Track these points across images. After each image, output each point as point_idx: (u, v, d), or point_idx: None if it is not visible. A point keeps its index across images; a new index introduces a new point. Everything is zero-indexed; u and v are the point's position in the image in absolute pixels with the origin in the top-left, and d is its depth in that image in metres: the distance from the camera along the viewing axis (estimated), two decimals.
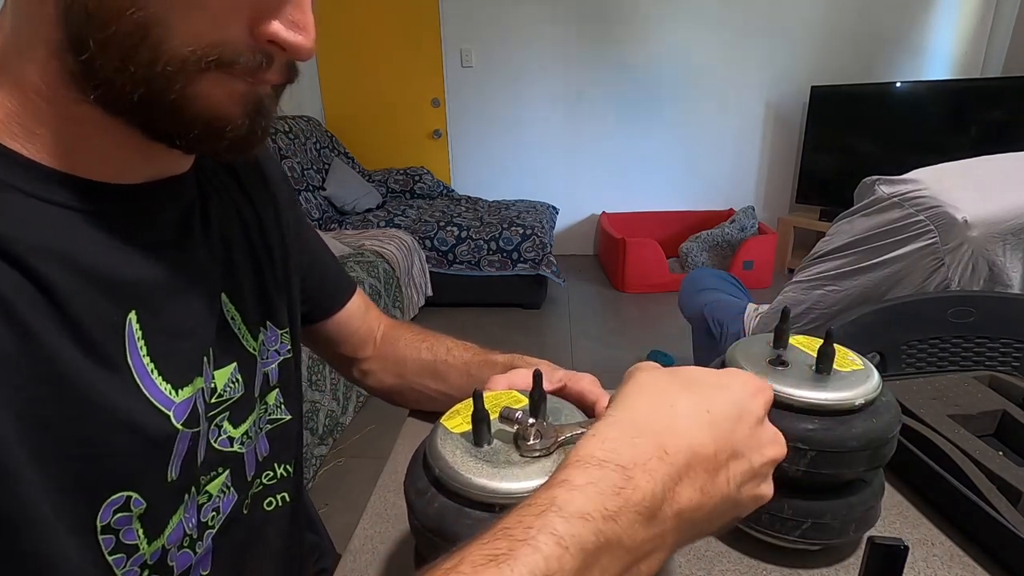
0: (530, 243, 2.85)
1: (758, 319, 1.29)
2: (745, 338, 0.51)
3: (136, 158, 0.36)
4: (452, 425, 0.36)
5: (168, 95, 0.31)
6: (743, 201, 3.71)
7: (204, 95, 0.32)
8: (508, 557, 0.22)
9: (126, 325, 0.35)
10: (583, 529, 0.24)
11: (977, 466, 0.50)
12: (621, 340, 2.62)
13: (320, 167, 3.22)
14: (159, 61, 0.29)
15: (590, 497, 0.25)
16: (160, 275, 0.37)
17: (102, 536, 0.34)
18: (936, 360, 0.77)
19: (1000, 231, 0.86)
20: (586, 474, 0.26)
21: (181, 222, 0.41)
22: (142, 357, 0.35)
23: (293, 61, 0.35)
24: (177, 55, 0.30)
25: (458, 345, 0.63)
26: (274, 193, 0.53)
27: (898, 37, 3.40)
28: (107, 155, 0.35)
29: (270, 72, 0.33)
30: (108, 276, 0.34)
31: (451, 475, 0.32)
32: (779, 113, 3.61)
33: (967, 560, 0.46)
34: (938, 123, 3.05)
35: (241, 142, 0.35)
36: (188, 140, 0.33)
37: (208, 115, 0.32)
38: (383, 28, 3.60)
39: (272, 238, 0.51)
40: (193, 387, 0.39)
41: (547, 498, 0.25)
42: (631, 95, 3.64)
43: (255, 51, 0.32)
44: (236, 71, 0.32)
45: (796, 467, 0.42)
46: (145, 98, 0.31)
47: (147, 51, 0.29)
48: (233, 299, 0.45)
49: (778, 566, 0.46)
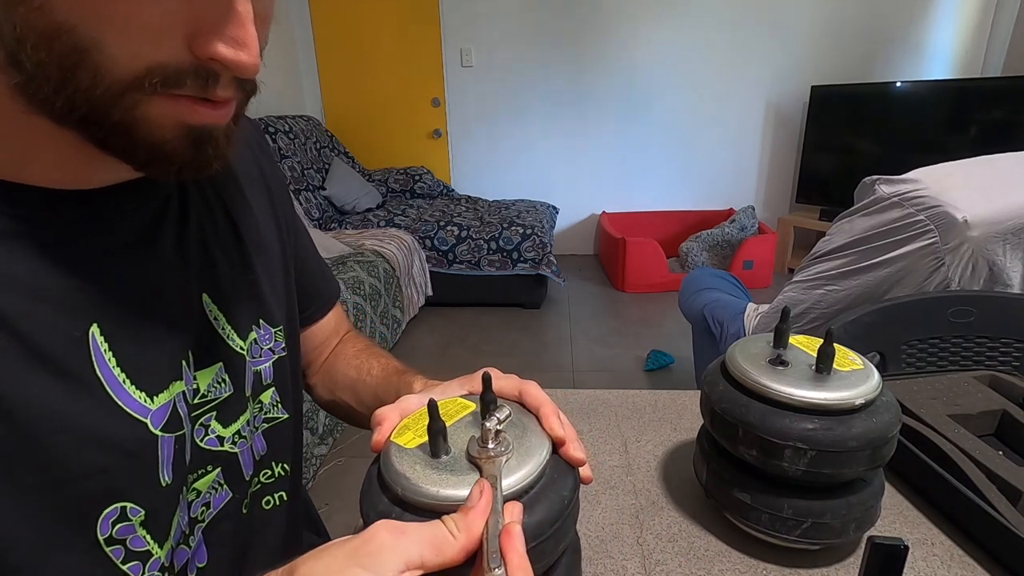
0: (530, 243, 2.85)
1: (758, 319, 1.29)
2: (745, 338, 0.51)
3: (95, 163, 0.35)
4: (404, 441, 0.35)
5: (112, 116, 0.30)
6: (743, 201, 3.71)
7: (150, 121, 0.31)
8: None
9: (89, 339, 0.34)
10: None
11: (977, 466, 0.50)
12: (621, 340, 2.62)
13: (320, 167, 3.22)
14: (100, 84, 0.28)
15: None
16: (122, 281, 0.36)
17: (109, 548, 0.34)
18: (936, 360, 0.77)
19: (1000, 231, 0.86)
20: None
21: (149, 223, 0.40)
22: (112, 368, 0.35)
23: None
24: (118, 78, 0.29)
25: (380, 364, 0.60)
26: (269, 187, 0.53)
27: (898, 37, 3.40)
28: (63, 162, 0.33)
29: (220, 89, 0.32)
30: (60, 292, 0.33)
31: (416, 491, 0.31)
32: (779, 113, 3.61)
33: (967, 560, 0.46)
34: (938, 123, 3.05)
35: (190, 167, 0.34)
36: (137, 161, 0.33)
37: (152, 141, 0.31)
38: (383, 28, 3.60)
39: (266, 234, 0.50)
40: (170, 392, 0.39)
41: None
42: (631, 94, 3.64)
43: (199, 70, 0.30)
44: (185, 91, 0.31)
45: (796, 467, 0.42)
46: (88, 117, 0.30)
47: (86, 74, 0.28)
48: (216, 299, 0.44)
49: (778, 566, 0.46)
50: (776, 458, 0.42)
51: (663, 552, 0.48)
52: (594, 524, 0.51)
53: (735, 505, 0.46)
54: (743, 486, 0.46)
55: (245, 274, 0.48)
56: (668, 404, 0.71)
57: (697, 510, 0.53)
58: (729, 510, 0.48)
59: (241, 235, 0.48)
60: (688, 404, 0.71)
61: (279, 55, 3.37)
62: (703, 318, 1.50)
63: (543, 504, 0.32)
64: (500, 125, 3.77)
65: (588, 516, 0.52)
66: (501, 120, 3.76)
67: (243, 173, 0.50)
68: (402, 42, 3.62)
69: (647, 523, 0.51)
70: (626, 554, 0.48)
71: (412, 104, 3.76)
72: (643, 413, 0.69)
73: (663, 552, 0.48)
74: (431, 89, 3.72)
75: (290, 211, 0.57)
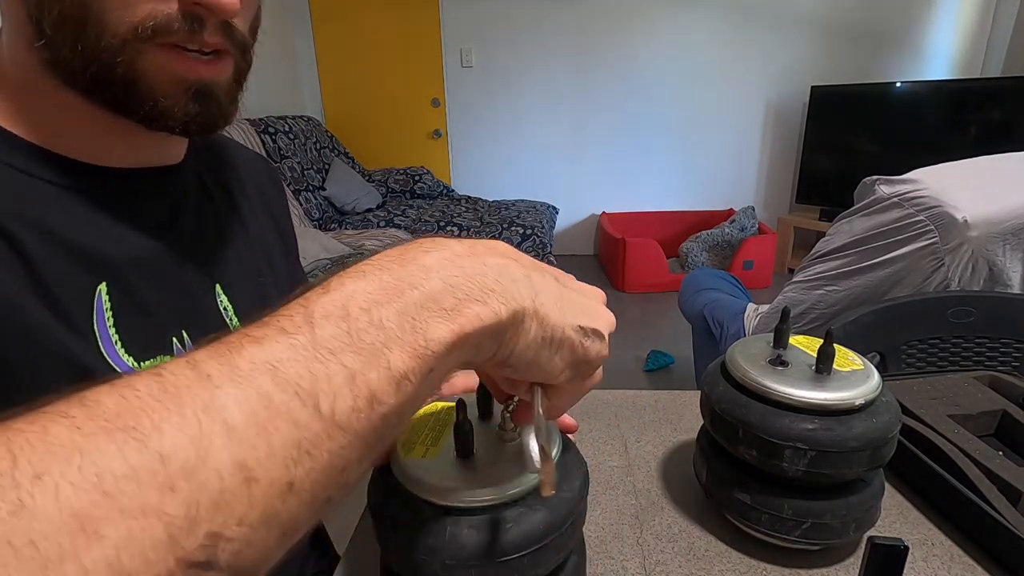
0: (530, 243, 2.85)
1: (758, 319, 1.29)
2: (745, 338, 0.51)
3: (120, 144, 0.40)
4: (419, 454, 0.33)
5: (116, 69, 0.34)
6: (743, 201, 3.71)
7: (150, 75, 0.35)
8: (263, 333, 0.21)
9: (95, 294, 0.37)
10: (364, 268, 0.23)
11: (977, 466, 0.50)
12: (621, 340, 2.62)
13: (320, 167, 3.22)
14: (103, 35, 0.33)
15: (370, 260, 0.24)
16: (135, 254, 0.40)
17: None
18: (936, 360, 0.77)
19: (1000, 231, 0.86)
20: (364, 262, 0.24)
21: (169, 211, 0.44)
22: (108, 327, 0.37)
23: (230, 24, 0.37)
24: (117, 29, 0.33)
25: None
26: (277, 222, 0.58)
27: (898, 37, 3.40)
28: (92, 139, 0.39)
29: (207, 35, 0.35)
30: (81, 247, 0.36)
31: (471, 503, 0.30)
32: (779, 113, 3.61)
33: (967, 560, 0.46)
34: (938, 123, 3.05)
35: (194, 124, 0.37)
36: (146, 115, 0.36)
37: (154, 94, 0.35)
38: (383, 28, 3.60)
39: (274, 252, 0.55)
40: (155, 363, 0.39)
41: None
42: (631, 95, 3.64)
43: (185, 15, 0.34)
44: (175, 38, 0.34)
45: (796, 467, 0.42)
46: (97, 75, 0.34)
47: (92, 27, 0.33)
48: (227, 291, 0.47)
49: (778, 566, 0.46)
50: (776, 458, 0.42)
51: (663, 552, 0.48)
52: (594, 524, 0.51)
53: (735, 505, 0.46)
54: (743, 486, 0.46)
55: (256, 277, 0.51)
56: (668, 404, 0.71)
57: (697, 510, 0.53)
58: (729, 510, 0.48)
59: (255, 245, 0.52)
60: (688, 404, 0.71)
61: (279, 55, 3.37)
62: (703, 318, 1.50)
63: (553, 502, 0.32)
64: (500, 125, 3.77)
65: (588, 516, 0.52)
66: (501, 120, 3.75)
67: (257, 196, 0.55)
68: (402, 42, 3.62)
69: (647, 523, 0.51)
70: (626, 554, 0.48)
71: (412, 104, 3.76)
72: (643, 413, 0.69)
73: (663, 552, 0.48)
74: (431, 89, 3.72)
75: (295, 254, 0.62)
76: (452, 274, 0.23)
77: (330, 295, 0.21)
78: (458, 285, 0.23)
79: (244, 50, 0.39)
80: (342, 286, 0.22)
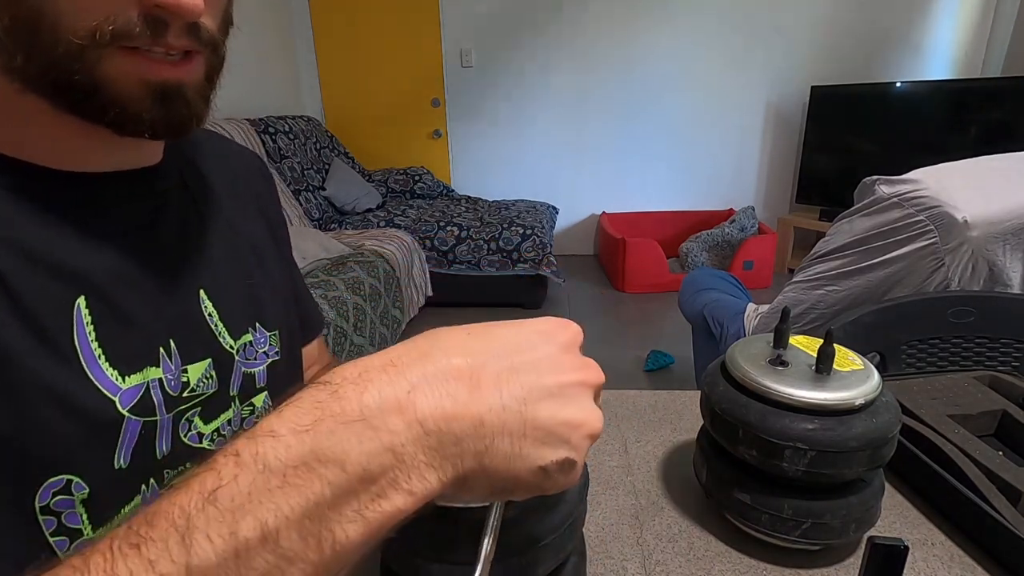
0: (530, 243, 2.85)
1: (758, 319, 1.29)
2: (745, 338, 0.51)
3: (90, 147, 0.37)
4: None
5: (75, 76, 0.32)
6: (743, 201, 3.71)
7: (113, 80, 0.33)
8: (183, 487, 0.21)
9: (74, 309, 0.35)
10: (267, 446, 0.21)
11: (977, 466, 0.50)
12: (621, 340, 2.62)
13: (320, 167, 3.22)
14: (59, 42, 0.31)
15: (284, 418, 0.22)
16: (114, 264, 0.38)
17: (42, 517, 0.34)
18: (936, 360, 0.77)
19: (1000, 231, 0.86)
20: (293, 401, 0.23)
21: (147, 215, 0.41)
22: (90, 342, 0.36)
23: (196, 24, 0.35)
24: (73, 34, 0.31)
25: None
26: (268, 216, 0.56)
27: (898, 37, 3.40)
28: (60, 143, 0.36)
29: (171, 38, 0.33)
30: (55, 261, 0.35)
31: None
32: (779, 113, 3.61)
33: (967, 560, 0.46)
34: (938, 123, 3.05)
35: (162, 126, 0.35)
36: (113, 120, 0.34)
37: (118, 99, 0.33)
38: (383, 28, 3.60)
39: (266, 250, 0.53)
40: (144, 375, 0.39)
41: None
42: (631, 95, 3.64)
43: (146, 18, 0.32)
44: (137, 41, 0.32)
45: (796, 467, 0.42)
46: (58, 81, 0.32)
47: (46, 33, 0.31)
48: (212, 296, 0.45)
49: (778, 566, 0.46)
50: (776, 458, 0.42)
51: (663, 552, 0.48)
52: (594, 524, 0.51)
53: (735, 505, 0.46)
54: (743, 486, 0.46)
55: (244, 278, 0.49)
56: (668, 404, 0.71)
57: (697, 510, 0.53)
58: (729, 510, 0.48)
59: (238, 244, 0.50)
60: (688, 404, 0.71)
61: (279, 55, 3.37)
62: (703, 318, 1.50)
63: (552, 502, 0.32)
64: (500, 125, 3.77)
65: (588, 516, 0.52)
66: (501, 120, 3.75)
67: (247, 193, 0.53)
68: (402, 42, 3.62)
69: (647, 523, 0.51)
70: (626, 554, 0.48)
71: (412, 104, 3.76)
72: (643, 413, 0.69)
73: (663, 552, 0.48)
74: (431, 89, 3.72)
75: (286, 236, 0.60)
76: (375, 450, 0.21)
77: (222, 503, 0.20)
78: (381, 467, 0.21)
79: (215, 47, 0.37)
80: (240, 473, 0.20)
